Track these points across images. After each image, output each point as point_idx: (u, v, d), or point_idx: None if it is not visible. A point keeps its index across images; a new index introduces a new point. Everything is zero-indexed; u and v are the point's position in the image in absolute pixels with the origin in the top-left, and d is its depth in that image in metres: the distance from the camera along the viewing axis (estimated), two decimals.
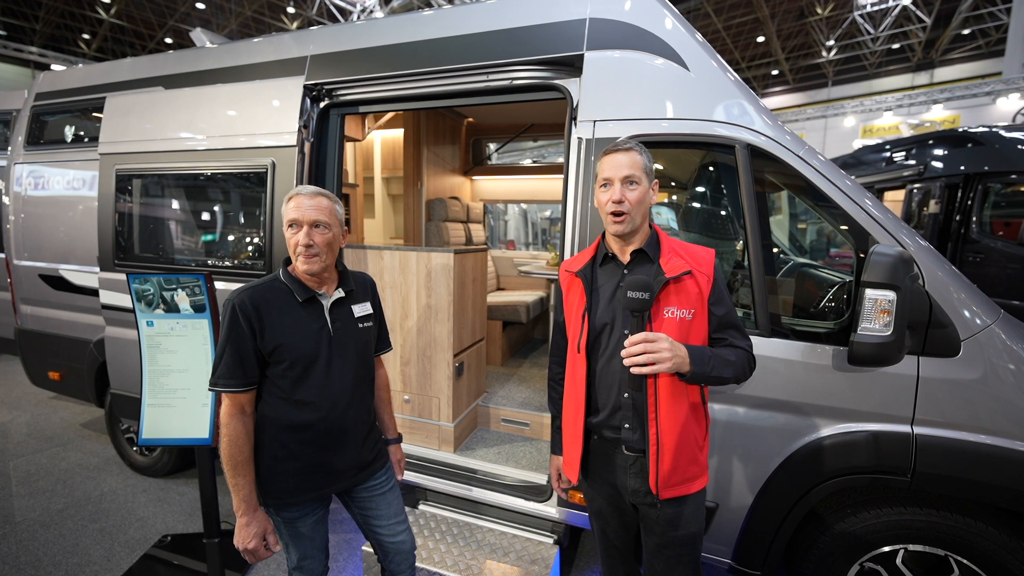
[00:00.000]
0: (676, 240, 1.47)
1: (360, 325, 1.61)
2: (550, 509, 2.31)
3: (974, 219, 4.73)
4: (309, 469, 1.53)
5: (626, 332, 1.37)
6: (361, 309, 1.63)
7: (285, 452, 1.51)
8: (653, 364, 1.23)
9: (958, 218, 4.84)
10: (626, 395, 1.41)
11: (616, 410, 1.43)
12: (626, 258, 1.44)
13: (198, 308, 2.25)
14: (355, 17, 16.41)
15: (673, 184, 2.36)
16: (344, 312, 1.57)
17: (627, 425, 1.42)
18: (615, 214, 1.37)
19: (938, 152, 5.23)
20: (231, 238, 2.83)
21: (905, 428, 1.71)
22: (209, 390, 1.50)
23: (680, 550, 1.48)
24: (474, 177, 5.38)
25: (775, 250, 2.49)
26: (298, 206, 1.45)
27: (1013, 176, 4.59)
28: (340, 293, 1.57)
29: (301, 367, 1.47)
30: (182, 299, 2.23)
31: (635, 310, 1.27)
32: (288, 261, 1.55)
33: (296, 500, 1.54)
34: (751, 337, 1.51)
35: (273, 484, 1.51)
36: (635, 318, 1.29)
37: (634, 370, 1.24)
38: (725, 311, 1.41)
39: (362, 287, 1.68)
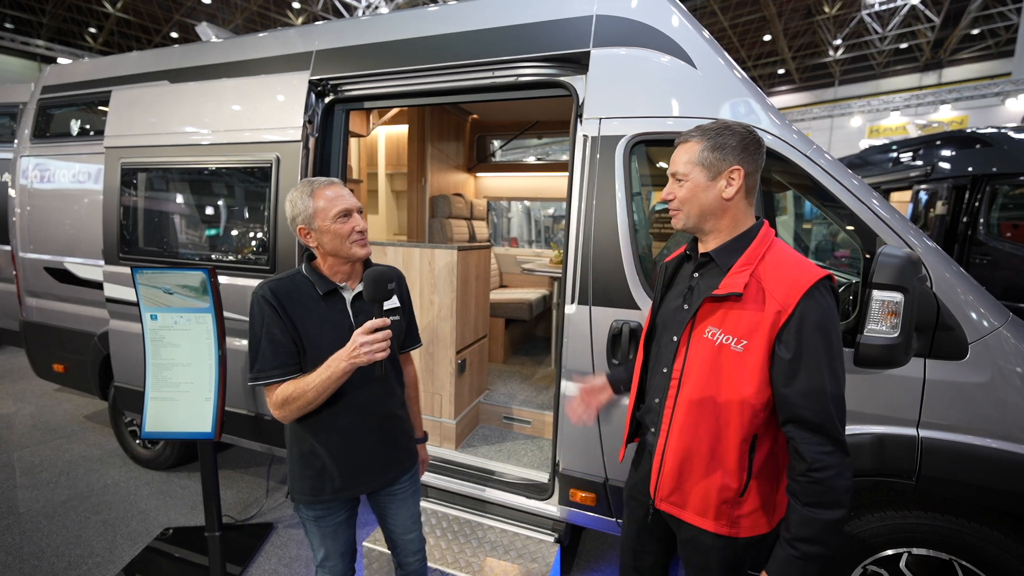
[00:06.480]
0: (779, 250, 1.19)
1: None
2: (551, 507, 2.31)
3: (981, 221, 4.69)
4: (336, 467, 1.49)
5: (674, 339, 1.28)
6: (386, 303, 1.55)
7: (310, 449, 1.48)
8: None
9: (965, 220, 4.80)
10: (657, 400, 1.36)
11: (649, 411, 1.42)
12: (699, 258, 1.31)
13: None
14: (360, 13, 16.39)
15: None
16: (367, 305, 1.46)
17: (652, 429, 1.38)
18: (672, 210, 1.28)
19: (945, 153, 5.19)
20: (235, 233, 2.82)
21: (911, 431, 1.69)
22: (250, 384, 1.42)
23: None
24: (478, 174, 5.37)
25: None
26: (341, 195, 1.45)
27: (1022, 178, 4.54)
28: (361, 287, 1.50)
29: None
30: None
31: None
32: (311, 257, 1.51)
33: (321, 499, 1.51)
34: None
35: (302, 481, 1.50)
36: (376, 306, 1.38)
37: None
38: (802, 377, 1.09)
39: None
